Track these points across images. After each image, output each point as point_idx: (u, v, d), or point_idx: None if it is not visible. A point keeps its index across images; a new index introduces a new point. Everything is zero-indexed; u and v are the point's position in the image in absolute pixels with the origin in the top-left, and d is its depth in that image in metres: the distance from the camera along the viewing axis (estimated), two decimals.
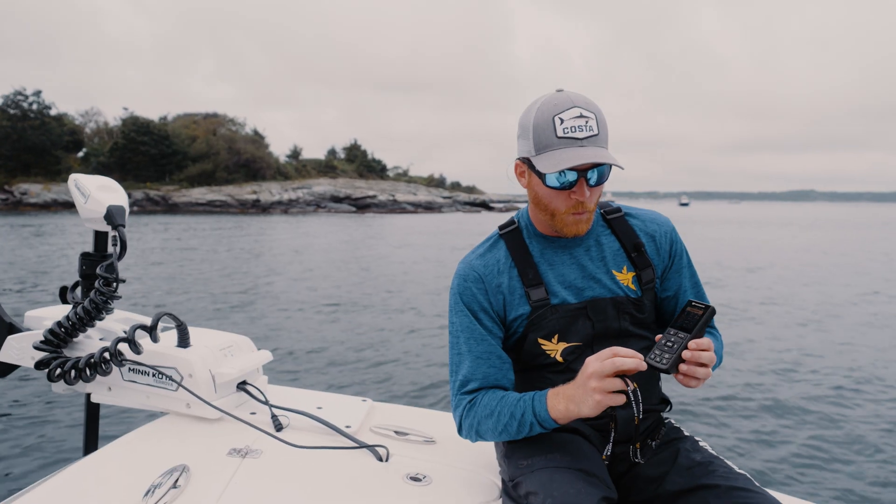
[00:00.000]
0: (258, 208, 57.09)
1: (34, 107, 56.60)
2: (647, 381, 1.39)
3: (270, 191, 60.38)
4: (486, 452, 1.59)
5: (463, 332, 1.37)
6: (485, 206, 79.39)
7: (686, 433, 1.43)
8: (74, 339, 1.73)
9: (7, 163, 53.99)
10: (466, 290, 1.37)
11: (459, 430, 1.39)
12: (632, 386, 1.13)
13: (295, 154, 76.99)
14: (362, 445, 1.55)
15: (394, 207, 66.55)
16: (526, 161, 1.31)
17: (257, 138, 68.76)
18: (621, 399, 1.12)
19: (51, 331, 1.67)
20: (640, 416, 1.17)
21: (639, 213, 1.47)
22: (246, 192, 59.02)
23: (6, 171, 53.75)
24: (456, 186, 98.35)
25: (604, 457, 1.29)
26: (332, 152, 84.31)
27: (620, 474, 1.37)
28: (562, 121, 1.23)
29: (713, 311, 1.15)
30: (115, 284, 1.67)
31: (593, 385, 1.13)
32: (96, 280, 1.67)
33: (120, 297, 1.68)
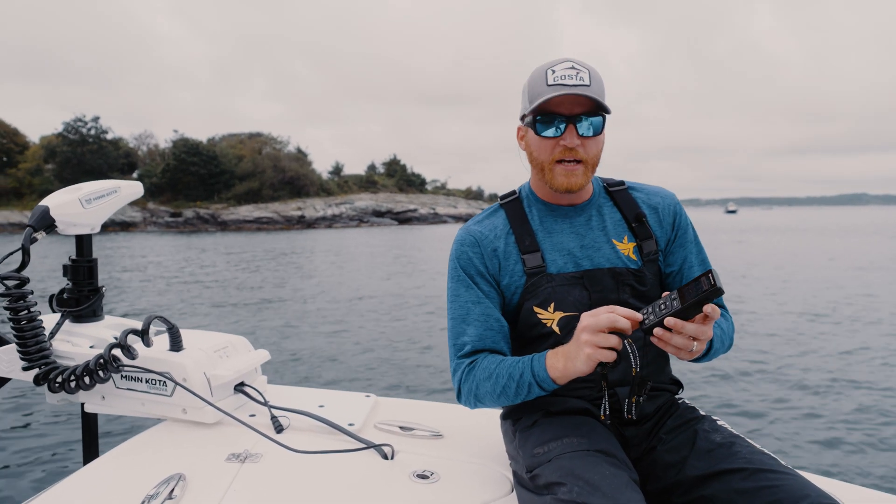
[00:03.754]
0: (303, 224, 58.23)
1: (92, 132, 59.20)
2: (655, 359, 1.36)
3: (314, 207, 61.56)
4: (496, 445, 1.54)
5: (460, 295, 1.36)
6: None
7: (702, 413, 1.37)
8: (51, 348, 1.65)
9: (68, 186, 56.29)
10: (463, 254, 1.37)
11: (458, 396, 1.37)
12: (627, 341, 1.12)
13: (337, 170, 78.36)
14: (367, 446, 1.50)
15: (435, 221, 67.14)
16: (523, 120, 1.34)
17: (300, 156, 70.28)
18: (612, 356, 1.10)
19: (18, 346, 1.60)
20: (638, 369, 1.17)
21: (642, 187, 1.45)
22: (291, 208, 60.31)
23: None
24: (494, 198, 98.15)
25: (602, 416, 1.25)
26: (371, 167, 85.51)
27: (636, 461, 1.30)
28: (553, 71, 1.25)
29: (719, 292, 1.04)
30: (15, 285, 1.56)
31: (585, 338, 1.10)
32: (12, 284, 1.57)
33: (23, 297, 1.57)
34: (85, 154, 56.79)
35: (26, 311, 1.58)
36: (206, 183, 61.15)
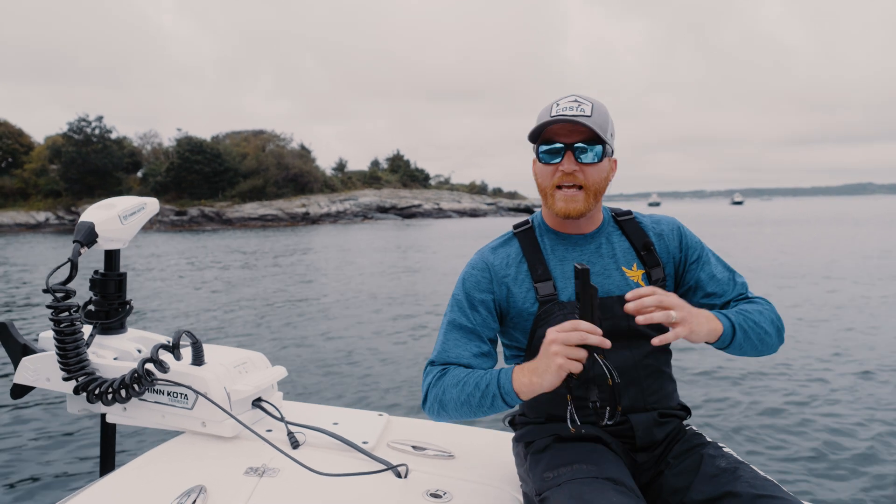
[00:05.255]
0: (308, 220, 58.37)
1: (96, 131, 59.39)
2: (662, 384, 1.41)
3: (319, 203, 61.67)
4: (507, 466, 1.57)
5: (455, 315, 1.42)
6: (528, 210, 79.13)
7: (708, 439, 1.42)
8: (88, 360, 1.68)
9: (73, 185, 56.80)
10: (472, 276, 1.43)
11: (424, 402, 1.40)
12: (600, 357, 1.14)
13: (340, 167, 78.42)
14: (382, 468, 1.52)
15: (439, 216, 67.15)
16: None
17: (304, 153, 70.36)
18: (580, 367, 1.13)
19: (59, 357, 1.63)
20: (617, 380, 1.16)
21: (648, 216, 1.53)
22: (295, 205, 60.43)
23: (73, 194, 56.58)
24: (497, 192, 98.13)
25: (572, 429, 1.24)
26: (375, 163, 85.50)
27: (645, 485, 1.36)
28: (557, 104, 1.35)
29: (584, 271, 1.11)
30: (62, 297, 1.59)
31: (555, 349, 1.13)
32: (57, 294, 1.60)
33: (69, 310, 1.61)
34: (89, 154, 56.98)
35: (70, 324, 1.61)
36: (211, 181, 61.28)
